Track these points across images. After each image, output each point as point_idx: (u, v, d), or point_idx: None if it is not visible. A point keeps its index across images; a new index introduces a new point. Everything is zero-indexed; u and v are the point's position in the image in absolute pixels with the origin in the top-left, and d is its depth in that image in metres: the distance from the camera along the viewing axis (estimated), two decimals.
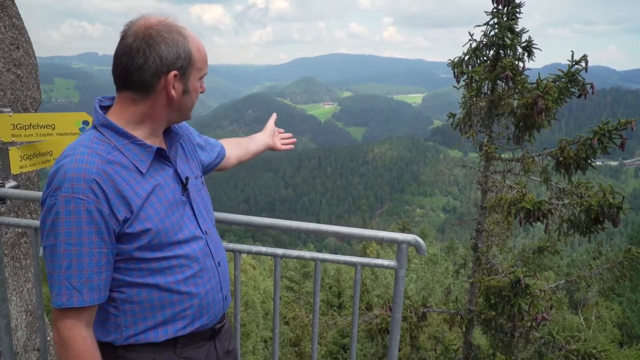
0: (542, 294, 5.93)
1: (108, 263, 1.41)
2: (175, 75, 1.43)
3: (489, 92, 6.38)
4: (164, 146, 1.57)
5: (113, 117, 1.48)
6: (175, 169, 1.56)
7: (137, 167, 1.44)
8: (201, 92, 1.56)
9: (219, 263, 1.65)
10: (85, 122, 2.63)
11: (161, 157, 1.52)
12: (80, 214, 1.34)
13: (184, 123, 1.75)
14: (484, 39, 6.29)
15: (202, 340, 1.61)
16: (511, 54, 6.19)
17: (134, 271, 1.45)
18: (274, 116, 2.34)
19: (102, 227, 1.36)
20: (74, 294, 1.36)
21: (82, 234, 1.35)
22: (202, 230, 1.59)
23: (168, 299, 1.49)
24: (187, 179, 1.58)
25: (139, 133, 1.48)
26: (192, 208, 1.58)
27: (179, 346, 1.54)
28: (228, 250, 2.03)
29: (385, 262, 1.91)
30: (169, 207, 1.49)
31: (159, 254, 1.46)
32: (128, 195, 1.39)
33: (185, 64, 1.44)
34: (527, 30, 6.11)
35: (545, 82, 5.68)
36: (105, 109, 1.52)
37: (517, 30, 6.15)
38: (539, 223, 5.50)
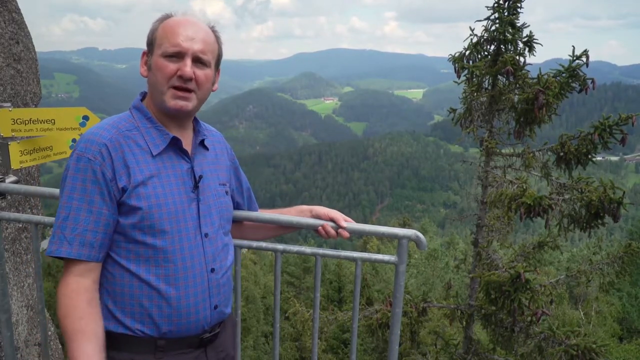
0: (543, 289, 5.93)
1: (107, 225, 1.47)
2: (144, 53, 1.58)
3: (489, 87, 6.37)
4: (188, 140, 1.64)
5: (148, 102, 1.61)
6: (192, 166, 1.61)
7: (150, 149, 1.53)
8: (192, 79, 1.56)
9: (212, 269, 1.60)
10: (86, 117, 2.62)
11: (179, 149, 1.58)
12: (87, 172, 1.44)
13: (225, 142, 1.83)
14: (485, 34, 6.27)
15: (187, 347, 1.57)
16: (512, 49, 6.17)
17: (122, 250, 1.50)
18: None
19: (104, 190, 1.45)
20: (64, 244, 1.44)
21: (85, 191, 1.44)
22: (200, 231, 1.58)
23: (146, 290, 1.50)
24: (200, 177, 1.61)
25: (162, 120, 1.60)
26: (198, 207, 1.59)
27: (159, 349, 1.52)
28: None
29: (386, 257, 1.91)
30: (170, 195, 1.53)
31: (149, 239, 1.49)
32: (131, 167, 1.48)
33: (149, 41, 1.56)
34: (528, 25, 6.09)
35: (546, 77, 5.66)
36: None
37: (518, 25, 6.12)
38: (539, 218, 5.50)
